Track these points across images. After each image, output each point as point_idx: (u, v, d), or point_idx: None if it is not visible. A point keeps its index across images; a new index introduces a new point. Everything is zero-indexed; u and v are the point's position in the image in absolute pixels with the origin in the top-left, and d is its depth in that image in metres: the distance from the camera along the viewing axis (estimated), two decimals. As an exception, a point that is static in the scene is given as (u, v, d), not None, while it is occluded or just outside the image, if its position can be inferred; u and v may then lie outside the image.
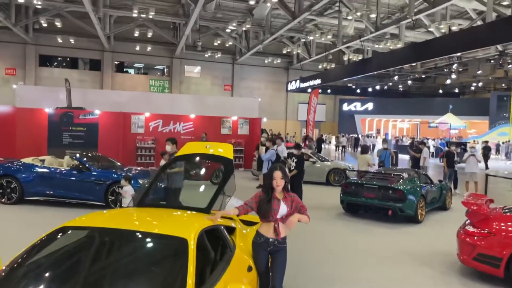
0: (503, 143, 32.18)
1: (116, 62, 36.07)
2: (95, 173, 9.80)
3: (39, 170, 9.91)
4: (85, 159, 10.20)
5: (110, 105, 17.66)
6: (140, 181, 9.39)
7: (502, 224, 5.96)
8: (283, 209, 4.07)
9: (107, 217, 3.94)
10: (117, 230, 3.56)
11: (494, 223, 5.98)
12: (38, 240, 3.48)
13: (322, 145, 29.95)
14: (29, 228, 7.82)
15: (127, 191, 8.01)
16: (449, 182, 13.49)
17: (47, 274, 3.26)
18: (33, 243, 3.45)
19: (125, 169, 10.71)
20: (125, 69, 37.68)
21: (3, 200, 9.81)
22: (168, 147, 8.58)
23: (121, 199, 9.46)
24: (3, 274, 3.14)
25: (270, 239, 4.07)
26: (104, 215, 4.02)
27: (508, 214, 6.24)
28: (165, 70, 38.37)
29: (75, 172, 9.83)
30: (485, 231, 5.93)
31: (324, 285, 5.61)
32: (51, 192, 9.78)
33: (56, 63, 35.34)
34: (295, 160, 10.44)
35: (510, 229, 5.82)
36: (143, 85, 36.36)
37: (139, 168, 11.92)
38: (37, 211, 9.37)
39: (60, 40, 30.97)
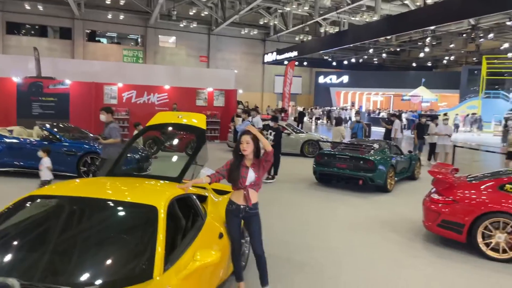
0: (467, 115, 33.16)
1: (88, 31, 34.90)
2: (66, 143, 9.63)
3: (7, 140, 9.66)
4: (55, 129, 9.99)
5: (81, 75, 17.16)
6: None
7: (466, 192, 6.20)
8: (251, 176, 4.10)
9: (76, 186, 3.91)
10: (86, 198, 3.54)
11: (458, 191, 6.22)
12: (5, 208, 3.44)
13: (304, 119, 29.91)
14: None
15: (43, 163, 7.55)
16: (419, 152, 13.90)
17: (14, 243, 3.23)
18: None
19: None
20: (97, 38, 36.52)
21: (-31, 171, 9.58)
22: (103, 117, 8.07)
23: (94, 170, 9.37)
24: None
25: (241, 206, 4.13)
26: (73, 183, 3.99)
27: (472, 182, 6.49)
28: (139, 40, 37.41)
29: (45, 142, 9.62)
30: (450, 199, 6.17)
31: (297, 251, 5.78)
32: (21, 163, 9.59)
33: (24, 31, 33.95)
34: (273, 132, 10.46)
35: (473, 196, 6.07)
36: (116, 55, 35.41)
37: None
38: (6, 182, 9.18)
39: (28, 7, 29.65)
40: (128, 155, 9.32)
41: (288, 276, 4.95)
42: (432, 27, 25.40)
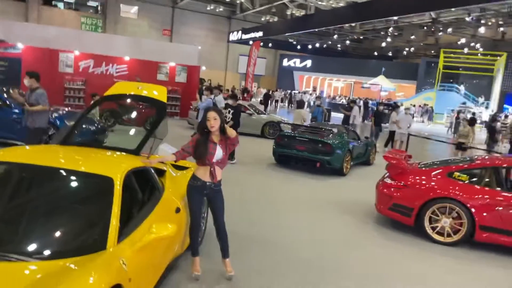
0: (420, 106, 34.46)
1: (44, -6, 33.02)
2: (16, 110, 9.15)
3: (-49, 104, 9.07)
4: (4, 95, 9.45)
5: (36, 40, 16.23)
6: (67, 123, 8.92)
7: (417, 177, 6.47)
8: (219, 153, 4.07)
9: (28, 153, 3.73)
10: (39, 166, 3.38)
11: (410, 177, 6.48)
12: None
13: (269, 101, 29.29)
14: None
15: None
16: (375, 139, 14.31)
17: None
18: None
19: (51, 109, 10.09)
20: (53, 3, 34.63)
21: None
22: (26, 81, 7.47)
23: (45, 139, 8.98)
24: None
25: (207, 183, 4.10)
26: (24, 150, 3.80)
27: (423, 169, 6.77)
28: (99, 7, 35.82)
29: (-5, 109, 9.11)
30: (401, 184, 6.42)
31: (251, 228, 5.84)
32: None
33: (-28, -12, 31.63)
34: (232, 111, 10.32)
35: (423, 182, 6.34)
36: (74, 22, 33.76)
37: (66, 109, 11.32)
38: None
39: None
40: (83, 126, 9.03)
41: (246, 251, 5.02)
42: (396, 17, 25.93)
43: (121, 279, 2.64)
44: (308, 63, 45.60)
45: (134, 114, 9.63)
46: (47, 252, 2.70)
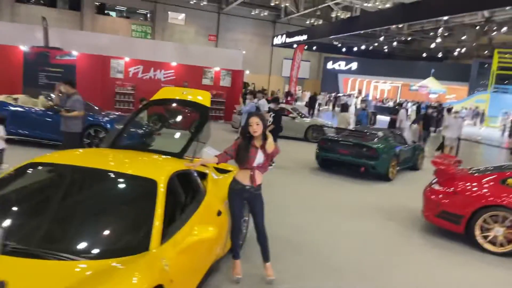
0: (470, 109, 32.94)
1: (97, 3, 34.60)
2: (70, 115, 9.62)
3: (12, 108, 9.68)
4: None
5: (89, 48, 17.06)
6: (116, 126, 9.27)
7: (467, 184, 6.19)
8: (260, 157, 4.10)
9: (77, 155, 3.91)
10: (87, 168, 3.54)
11: (459, 183, 6.21)
12: (6, 174, 3.46)
13: (316, 104, 28.72)
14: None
15: None
16: (423, 143, 13.81)
17: (12, 209, 3.25)
18: (-1, 177, 3.43)
19: (103, 113, 10.57)
20: (106, 11, 36.23)
21: (-27, 137, 9.61)
22: (62, 88, 7.70)
23: (97, 143, 9.40)
24: None
25: (247, 186, 4.14)
26: (74, 153, 3.99)
27: (474, 175, 6.47)
28: (148, 15, 37.08)
29: (50, 113, 9.63)
30: (450, 190, 6.16)
31: (295, 233, 5.82)
32: (25, 132, 9.62)
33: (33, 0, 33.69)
34: (273, 114, 10.30)
35: (474, 189, 6.05)
36: (125, 29, 35.16)
37: (117, 113, 11.77)
38: (11, 150, 9.21)
39: (37, -25, 29.39)
40: (132, 129, 9.37)
41: (287, 256, 5.00)
42: (446, 18, 24.99)
43: (163, 280, 2.71)
44: (354, 65, 44.86)
45: (180, 118, 9.87)
46: (93, 252, 2.82)
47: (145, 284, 2.50)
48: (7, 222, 3.09)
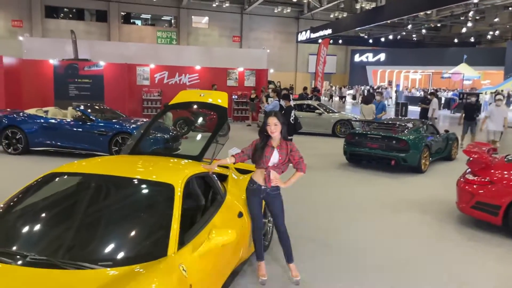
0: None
1: (123, 13, 35.39)
2: (98, 124, 9.84)
3: (43, 121, 9.98)
4: (89, 110, 10.21)
5: (116, 57, 17.48)
6: (135, 133, 9.40)
7: (504, 172, 5.87)
8: (275, 157, 4.01)
9: (96, 163, 3.94)
10: (104, 176, 3.56)
11: (495, 172, 5.90)
12: (27, 185, 3.52)
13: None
14: (29, 177, 7.94)
15: None
16: (463, 134, 13.03)
17: (32, 220, 3.29)
18: (21, 189, 3.48)
19: (131, 120, 10.75)
20: (132, 20, 37.02)
21: (9, 150, 9.98)
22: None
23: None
24: None
25: (262, 187, 4.06)
26: (94, 161, 4.02)
27: (511, 162, 6.14)
28: (173, 21, 37.60)
29: (78, 123, 9.87)
30: (486, 180, 5.86)
31: (324, 233, 5.67)
32: (56, 142, 9.89)
33: (62, 14, 34.82)
34: (283, 112, 9.72)
35: (511, 177, 5.74)
36: (151, 36, 35.81)
37: (145, 120, 11.93)
38: (41, 161, 9.50)
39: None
40: (158, 135, 9.47)
41: (313, 256, 4.87)
42: (476, 0, 24.06)
43: (181, 285, 2.67)
44: (382, 56, 43.94)
45: (205, 121, 9.93)
46: (111, 260, 2.81)
47: None
48: (26, 233, 3.14)
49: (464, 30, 34.48)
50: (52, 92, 15.45)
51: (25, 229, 3.21)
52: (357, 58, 45.25)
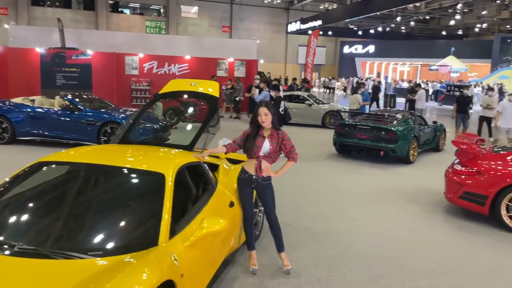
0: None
1: (111, 2, 34.84)
2: (86, 113, 9.71)
3: (29, 110, 9.82)
4: (76, 99, 10.07)
5: (104, 46, 17.21)
6: (124, 122, 9.31)
7: (491, 163, 5.95)
8: (265, 147, 4.01)
9: (85, 153, 3.88)
10: (94, 165, 3.51)
11: (482, 162, 5.98)
12: (15, 174, 3.46)
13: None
14: (15, 167, 7.82)
15: None
16: (457, 127, 13.20)
17: (20, 209, 3.24)
18: (8, 179, 3.42)
19: (120, 110, 10.64)
20: (120, 9, 36.46)
21: (-5, 140, 9.83)
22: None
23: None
24: None
25: (253, 176, 4.05)
26: (82, 150, 3.96)
27: (499, 153, 6.22)
28: (161, 10, 37.14)
29: (66, 112, 9.73)
30: (473, 170, 5.94)
31: (313, 221, 5.71)
32: (43, 132, 9.75)
33: (49, 2, 34.16)
34: (272, 103, 9.71)
35: (498, 168, 5.82)
36: (139, 26, 35.35)
37: (134, 110, 11.82)
38: (28, 151, 9.36)
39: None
40: (147, 125, 9.38)
41: (304, 244, 4.90)
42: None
43: (172, 275, 2.66)
44: (371, 48, 44.00)
45: (195, 111, 9.85)
46: (101, 249, 2.78)
47: (154, 280, 2.45)
48: (14, 223, 3.09)
49: (452, 22, 34.64)
50: (39, 81, 15.19)
51: (13, 218, 3.16)
52: (346, 49, 45.27)
